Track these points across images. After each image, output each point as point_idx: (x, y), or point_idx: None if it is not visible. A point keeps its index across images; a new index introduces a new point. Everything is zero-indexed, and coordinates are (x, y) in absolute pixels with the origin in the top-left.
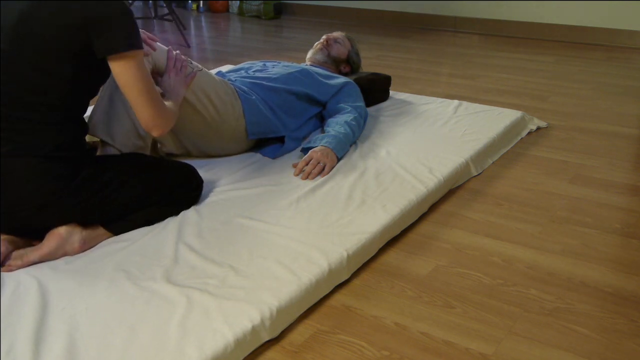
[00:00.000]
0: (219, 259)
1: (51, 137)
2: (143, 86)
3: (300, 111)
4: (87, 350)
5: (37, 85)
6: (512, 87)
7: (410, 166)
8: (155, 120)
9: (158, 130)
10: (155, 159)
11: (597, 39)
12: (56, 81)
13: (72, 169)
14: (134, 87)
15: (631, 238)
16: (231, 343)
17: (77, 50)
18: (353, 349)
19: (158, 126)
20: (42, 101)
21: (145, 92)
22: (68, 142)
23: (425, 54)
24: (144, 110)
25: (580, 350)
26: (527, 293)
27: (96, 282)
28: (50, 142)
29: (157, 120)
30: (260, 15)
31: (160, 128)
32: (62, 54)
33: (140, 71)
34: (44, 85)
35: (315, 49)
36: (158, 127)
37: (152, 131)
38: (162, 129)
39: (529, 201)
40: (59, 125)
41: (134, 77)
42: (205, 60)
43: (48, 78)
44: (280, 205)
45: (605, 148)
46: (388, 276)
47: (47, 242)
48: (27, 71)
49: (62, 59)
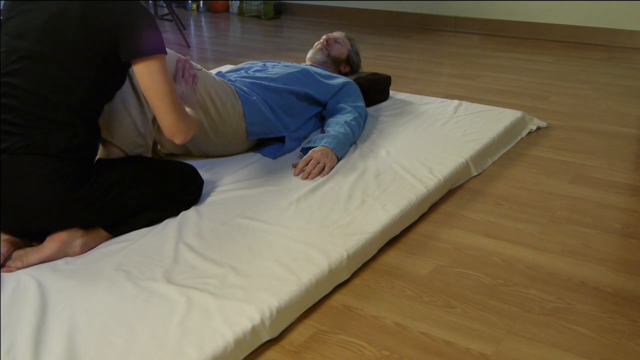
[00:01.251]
0: (219, 259)
1: (65, 137)
2: (166, 91)
3: (301, 111)
4: (87, 350)
5: (61, 85)
6: (512, 87)
7: (410, 166)
8: (178, 125)
9: (181, 136)
10: (158, 162)
11: (597, 39)
12: (79, 83)
13: (80, 171)
14: (157, 91)
15: (631, 238)
16: (231, 343)
17: (102, 53)
18: (353, 349)
19: (181, 131)
20: (63, 101)
21: (168, 96)
22: (80, 144)
23: (425, 54)
24: (166, 116)
25: (580, 350)
26: (527, 293)
27: (96, 282)
28: (63, 142)
29: (180, 124)
30: (260, 15)
31: (183, 134)
32: (88, 56)
33: (163, 76)
34: (67, 85)
35: (316, 49)
36: (181, 133)
37: (175, 137)
38: (184, 134)
39: (529, 201)
40: (74, 127)
41: (157, 81)
42: (205, 60)
43: (72, 79)
44: (280, 205)
45: (605, 148)
46: (388, 276)
47: (48, 245)
48: (52, 71)
49: (88, 61)
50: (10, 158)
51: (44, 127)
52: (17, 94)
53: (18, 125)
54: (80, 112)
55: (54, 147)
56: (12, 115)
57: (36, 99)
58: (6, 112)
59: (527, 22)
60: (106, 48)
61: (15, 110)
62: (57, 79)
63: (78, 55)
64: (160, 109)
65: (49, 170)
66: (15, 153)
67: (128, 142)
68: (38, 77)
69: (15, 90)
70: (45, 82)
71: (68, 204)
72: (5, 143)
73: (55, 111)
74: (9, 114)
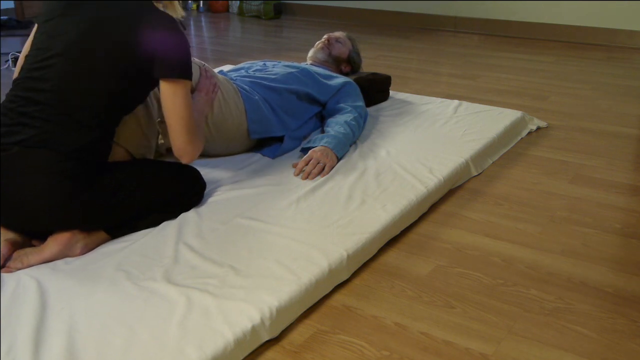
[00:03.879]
0: (219, 259)
1: (82, 138)
2: (184, 114)
3: (301, 111)
4: (87, 350)
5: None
6: (512, 87)
7: (410, 166)
8: (187, 148)
9: (187, 157)
10: (162, 166)
11: (597, 39)
12: (106, 89)
13: (89, 173)
14: (176, 112)
15: (631, 238)
16: (231, 343)
17: (135, 66)
18: (353, 349)
19: (188, 154)
20: (87, 104)
21: (185, 120)
22: (94, 147)
23: (425, 54)
24: (179, 136)
25: (580, 350)
26: (527, 293)
27: (96, 282)
28: (79, 142)
29: (189, 147)
30: (260, 15)
31: (189, 155)
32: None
33: (185, 100)
34: (94, 89)
35: (317, 48)
36: (188, 154)
37: (182, 157)
38: (190, 156)
39: (529, 201)
40: (93, 130)
41: (179, 105)
42: (205, 60)
43: (100, 84)
44: (280, 205)
45: (605, 148)
46: (388, 276)
47: (49, 246)
48: (82, 74)
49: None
50: (24, 151)
51: (64, 125)
52: (43, 88)
53: (38, 119)
54: (100, 116)
55: (69, 146)
56: (34, 109)
57: (61, 97)
58: (29, 106)
59: (527, 22)
60: (139, 63)
61: (39, 104)
62: (85, 82)
63: (110, 65)
64: (174, 129)
65: (59, 168)
66: (30, 146)
67: (133, 143)
68: (67, 77)
69: (42, 84)
70: (73, 83)
71: (72, 204)
72: (22, 135)
73: (77, 112)
74: (31, 108)
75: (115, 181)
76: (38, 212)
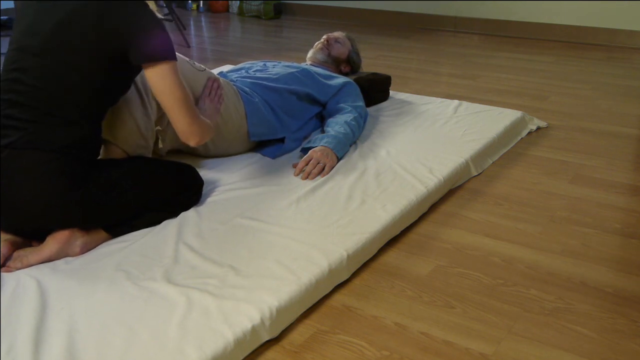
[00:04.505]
0: (219, 259)
1: (69, 134)
2: (178, 94)
3: (301, 111)
4: (87, 350)
5: (69, 83)
6: (512, 87)
7: (410, 166)
8: (192, 128)
9: (195, 139)
10: (159, 163)
11: (597, 39)
12: (87, 82)
13: (81, 170)
14: (169, 95)
15: (631, 238)
16: (231, 343)
17: (112, 55)
18: (353, 349)
19: (195, 133)
20: (70, 99)
21: (181, 100)
22: (83, 143)
23: (425, 54)
24: (179, 119)
25: (580, 350)
26: (527, 293)
27: (96, 282)
28: (67, 138)
29: (193, 127)
30: (260, 15)
31: (198, 136)
32: (98, 58)
33: (175, 79)
34: (75, 84)
35: (316, 49)
36: (195, 135)
37: (189, 140)
38: (199, 137)
39: (529, 201)
40: (79, 125)
41: (169, 85)
42: (205, 60)
43: (81, 78)
44: (280, 205)
45: (605, 148)
46: (388, 276)
47: (48, 245)
48: (61, 69)
49: (97, 62)
50: (14, 153)
51: (49, 123)
52: (24, 90)
53: (23, 121)
54: (86, 111)
55: (58, 143)
56: (18, 110)
57: (43, 96)
58: (12, 108)
59: (527, 22)
60: (117, 51)
61: (21, 106)
62: (66, 77)
63: (88, 56)
64: (173, 111)
65: (51, 167)
66: (19, 148)
67: (130, 144)
68: (46, 75)
69: (22, 86)
70: (53, 80)
71: (68, 202)
72: (9, 138)
73: (61, 108)
74: (14, 109)
75: (110, 179)
76: (35, 213)
